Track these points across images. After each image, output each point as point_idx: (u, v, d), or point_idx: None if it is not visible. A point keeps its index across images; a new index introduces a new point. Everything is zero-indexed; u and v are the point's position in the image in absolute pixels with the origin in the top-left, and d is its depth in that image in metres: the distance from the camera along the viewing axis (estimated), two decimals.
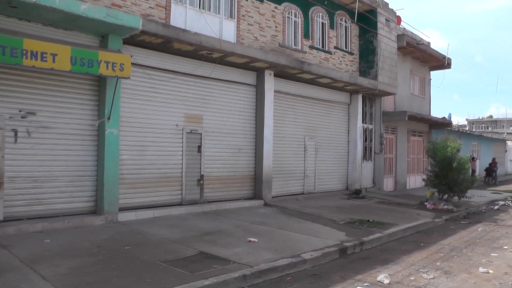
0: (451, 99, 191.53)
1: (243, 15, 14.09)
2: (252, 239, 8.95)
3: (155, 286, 5.90)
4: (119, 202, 10.53)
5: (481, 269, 7.92)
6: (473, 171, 29.95)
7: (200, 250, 7.92)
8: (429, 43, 24.64)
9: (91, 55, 9.25)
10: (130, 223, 10.19)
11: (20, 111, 9.27)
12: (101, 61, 9.36)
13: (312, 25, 16.88)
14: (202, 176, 12.77)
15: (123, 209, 10.70)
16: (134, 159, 11.31)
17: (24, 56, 8.25)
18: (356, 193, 18.07)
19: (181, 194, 12.32)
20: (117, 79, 10.00)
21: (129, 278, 6.22)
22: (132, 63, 10.26)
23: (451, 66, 26.47)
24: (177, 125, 12.30)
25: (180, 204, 12.19)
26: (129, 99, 11.17)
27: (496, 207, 17.54)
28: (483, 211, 16.51)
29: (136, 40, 10.81)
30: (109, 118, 10.18)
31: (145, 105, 11.58)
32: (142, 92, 11.51)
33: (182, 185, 12.34)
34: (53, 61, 8.63)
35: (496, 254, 9.28)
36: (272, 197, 14.65)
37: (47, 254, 7.23)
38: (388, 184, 21.62)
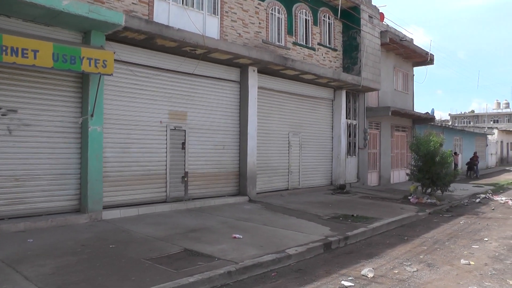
0: (434, 94, 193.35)
1: (226, 12, 14.05)
2: (237, 236, 8.96)
3: (140, 284, 5.88)
4: (103, 200, 10.46)
5: (462, 261, 8.05)
6: (455, 165, 30.33)
7: (185, 247, 7.91)
8: (412, 39, 24.88)
9: (74, 51, 9.14)
10: (114, 221, 10.14)
11: (0, 109, 9.14)
12: (83, 57, 9.26)
13: (295, 21, 16.91)
14: (186, 173, 12.75)
15: (107, 207, 10.63)
16: (118, 157, 11.24)
17: (4, 53, 8.12)
18: (341, 188, 18.18)
19: (166, 191, 12.28)
20: (100, 76, 9.93)
21: (114, 276, 6.19)
22: (115, 60, 10.16)
23: (434, 62, 26.75)
24: (161, 122, 12.25)
25: (164, 202, 12.16)
26: (112, 96, 11.09)
27: (477, 200, 17.83)
28: (465, 204, 16.77)
29: (119, 36, 10.74)
30: (92, 115, 10.09)
31: (128, 102, 11.51)
32: (125, 89, 11.43)
33: (166, 182, 12.30)
34: (35, 58, 8.52)
35: (477, 246, 9.45)
36: (257, 193, 14.68)
37: (30, 254, 7.16)
38: (372, 179, 21.79)
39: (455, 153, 31.38)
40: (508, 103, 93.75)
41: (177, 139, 12.61)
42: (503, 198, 18.22)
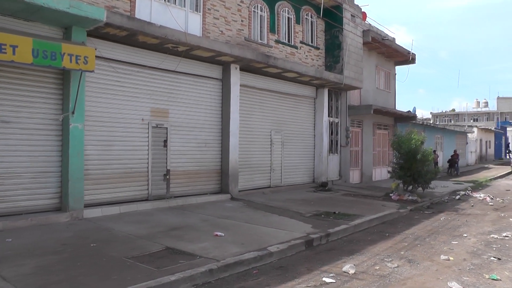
0: (416, 93, 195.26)
1: (208, 9, 14.02)
2: (219, 233, 8.97)
3: (121, 283, 5.85)
4: (84, 198, 10.36)
5: (442, 257, 8.20)
6: (435, 163, 30.66)
7: (166, 246, 7.89)
8: (394, 38, 25.09)
9: (54, 47, 9.02)
10: (96, 219, 10.06)
11: None
12: (64, 53, 9.14)
13: (278, 19, 16.94)
14: (168, 171, 12.71)
15: (88, 206, 10.55)
16: (100, 154, 11.15)
17: None
18: (323, 186, 18.27)
19: (147, 189, 12.22)
20: (81, 72, 9.81)
21: (95, 275, 6.15)
22: (96, 56, 10.06)
23: (416, 62, 27.07)
24: (142, 119, 12.19)
25: (146, 200, 12.10)
26: (94, 93, 10.99)
27: (457, 197, 18.10)
28: (446, 201, 17.03)
29: (100, 32, 10.62)
30: (73, 113, 9.98)
31: (110, 99, 11.43)
32: (107, 85, 11.34)
33: (148, 180, 12.24)
34: (13, 53, 8.38)
35: (457, 242, 9.61)
36: (239, 191, 14.69)
37: (8, 254, 7.08)
38: (354, 176, 21.95)
39: (434, 151, 31.76)
40: (487, 102, 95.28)
41: (159, 136, 12.55)
42: (482, 195, 18.50)
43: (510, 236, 10.28)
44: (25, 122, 9.66)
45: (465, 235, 10.39)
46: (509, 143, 58.60)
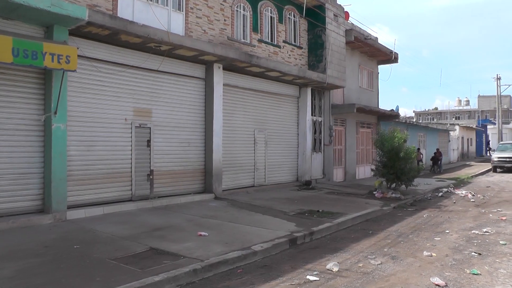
0: (399, 92, 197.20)
1: (191, 8, 13.99)
2: (203, 233, 8.97)
3: (105, 284, 5.83)
4: (67, 199, 10.26)
5: (425, 253, 8.32)
6: (419, 161, 30.98)
7: (150, 246, 7.87)
8: (376, 38, 25.26)
9: (35, 46, 8.93)
10: (79, 221, 9.98)
11: None
12: (46, 53, 9.06)
13: (261, 19, 16.97)
14: (152, 171, 12.66)
15: (72, 207, 10.46)
16: (83, 155, 11.07)
17: None
18: (306, 184, 18.35)
19: (131, 189, 12.16)
20: (63, 72, 9.71)
21: (78, 278, 6.11)
22: (78, 55, 10.01)
23: (398, 61, 27.26)
24: (125, 119, 12.12)
25: (130, 200, 12.04)
26: (76, 92, 10.90)
27: (440, 194, 18.35)
28: (429, 198, 17.22)
29: (82, 31, 10.54)
30: (55, 113, 9.89)
31: (93, 99, 11.34)
32: (89, 85, 11.25)
33: (131, 180, 12.18)
34: None
35: (439, 238, 9.75)
36: (223, 190, 14.70)
37: None
38: (338, 175, 22.06)
39: (418, 149, 32.09)
40: (468, 101, 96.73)
41: (142, 136, 12.50)
42: (464, 192, 18.78)
43: (490, 231, 10.48)
44: (6, 122, 9.53)
45: (447, 231, 10.55)
46: (489, 141, 59.39)
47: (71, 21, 9.73)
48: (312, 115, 19.74)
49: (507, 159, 30.84)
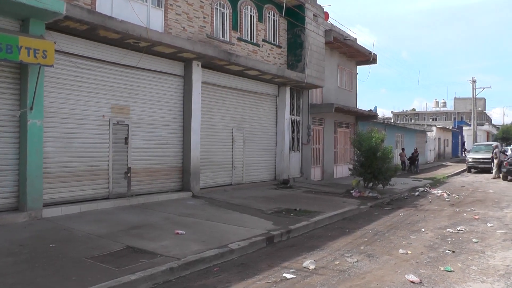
0: (378, 93, 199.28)
1: (171, 4, 13.92)
2: (180, 231, 8.95)
3: (81, 283, 5.78)
4: (43, 197, 10.09)
5: (401, 251, 8.47)
6: (403, 162, 31.38)
7: (127, 245, 7.82)
8: (356, 39, 25.49)
9: (10, 40, 8.73)
10: (55, 219, 9.83)
11: None
12: (21, 47, 8.87)
13: (240, 17, 16.96)
14: (129, 168, 12.56)
15: (47, 205, 10.30)
16: (59, 152, 10.91)
17: None
18: (284, 183, 18.42)
19: (108, 187, 12.05)
20: (40, 66, 9.53)
21: (53, 277, 6.04)
22: (56, 50, 9.83)
23: (377, 62, 27.58)
24: (103, 116, 12.00)
25: (107, 198, 11.93)
26: (53, 88, 10.73)
27: (416, 193, 18.61)
28: (405, 197, 17.46)
29: (60, 25, 10.37)
30: (31, 108, 9.69)
31: (70, 95, 11.19)
32: (67, 81, 11.10)
33: (109, 178, 12.07)
34: None
35: (415, 236, 9.93)
36: (201, 188, 14.66)
37: None
38: (315, 173, 22.19)
39: (403, 149, 32.58)
40: (445, 102, 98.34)
41: (120, 133, 12.39)
42: (439, 191, 19.10)
43: (463, 230, 10.73)
44: None
45: (423, 229, 10.75)
46: (465, 142, 60.39)
47: (48, 15, 9.55)
48: (290, 114, 19.82)
49: (481, 160, 31.40)
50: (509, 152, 31.18)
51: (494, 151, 28.80)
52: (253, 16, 17.73)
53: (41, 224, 9.34)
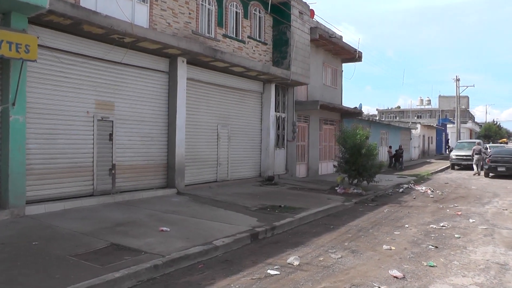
0: (364, 90, 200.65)
1: (156, 0, 13.82)
2: (165, 229, 8.93)
3: (64, 282, 5.72)
4: (26, 194, 9.95)
5: (384, 247, 8.58)
6: (391, 158, 31.65)
7: (111, 242, 7.79)
8: (341, 36, 25.59)
9: None
10: (38, 216, 9.70)
11: None
12: (2, 41, 8.70)
13: (226, 13, 16.92)
14: (114, 165, 12.47)
15: (31, 202, 10.17)
16: (43, 148, 10.79)
17: None
18: (269, 180, 18.45)
19: (93, 184, 11.96)
20: (22, 61, 9.36)
21: (36, 275, 5.98)
22: (39, 45, 9.69)
23: (362, 59, 27.59)
24: (87, 112, 11.90)
25: (91, 195, 11.84)
26: (36, 83, 10.60)
27: (401, 190, 18.82)
28: (390, 194, 17.65)
29: (43, 20, 10.22)
30: (14, 104, 9.53)
31: (54, 90, 11.06)
32: (50, 76, 10.97)
33: (93, 175, 11.97)
34: None
35: (399, 232, 10.05)
36: (185, 185, 14.62)
37: None
38: (300, 170, 22.26)
39: (390, 147, 32.88)
40: (430, 100, 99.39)
41: (104, 130, 12.30)
42: (423, 188, 19.33)
43: (446, 225, 10.92)
44: None
45: (407, 225, 10.88)
46: (448, 139, 61.00)
47: (30, 8, 9.34)
48: (275, 111, 19.85)
49: (464, 157, 31.79)
50: (488, 150, 31.80)
51: (473, 148, 29.62)
52: (239, 13, 17.70)
53: (24, 221, 9.22)
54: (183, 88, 14.49)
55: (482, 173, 27.03)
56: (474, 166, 28.45)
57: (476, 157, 28.31)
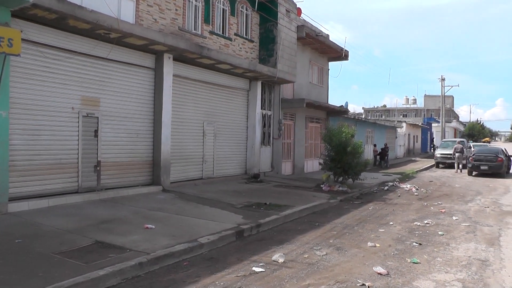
0: (350, 89, 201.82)
1: None
2: (149, 226, 8.91)
3: (47, 280, 5.67)
4: (9, 191, 9.82)
5: (369, 244, 8.68)
6: (376, 157, 31.90)
7: (96, 239, 7.74)
8: (328, 35, 25.65)
9: None
10: (22, 214, 9.60)
11: None
12: None
13: (213, 10, 16.87)
14: (99, 162, 12.38)
15: (14, 199, 10.05)
16: (26, 144, 10.66)
17: None
18: (255, 177, 18.46)
19: (78, 181, 11.86)
20: (5, 55, 9.22)
21: (19, 273, 5.92)
22: (23, 39, 9.57)
23: (348, 58, 27.71)
24: (72, 108, 11.79)
25: (76, 192, 11.73)
26: (20, 78, 10.45)
27: (386, 187, 19.02)
28: (375, 191, 17.78)
29: (27, 13, 10.07)
30: None
31: (38, 85, 10.92)
32: (35, 71, 10.83)
33: (78, 171, 11.87)
34: None
35: (383, 230, 10.16)
36: (171, 182, 14.58)
37: None
38: (286, 168, 22.31)
39: (375, 145, 33.12)
40: (415, 99, 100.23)
41: (89, 126, 12.20)
42: (408, 186, 19.55)
43: (430, 223, 11.08)
44: None
45: (391, 223, 11.01)
46: (433, 138, 61.54)
47: (13, 1, 9.17)
48: (262, 108, 19.87)
49: (449, 156, 32.11)
50: (472, 149, 32.31)
51: (454, 146, 30.31)
52: (226, 10, 17.66)
53: (6, 219, 9.11)
54: (169, 84, 14.43)
55: (465, 171, 27.43)
56: (455, 164, 29.02)
57: (457, 155, 29.01)
